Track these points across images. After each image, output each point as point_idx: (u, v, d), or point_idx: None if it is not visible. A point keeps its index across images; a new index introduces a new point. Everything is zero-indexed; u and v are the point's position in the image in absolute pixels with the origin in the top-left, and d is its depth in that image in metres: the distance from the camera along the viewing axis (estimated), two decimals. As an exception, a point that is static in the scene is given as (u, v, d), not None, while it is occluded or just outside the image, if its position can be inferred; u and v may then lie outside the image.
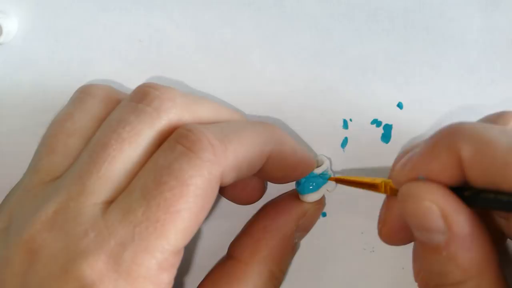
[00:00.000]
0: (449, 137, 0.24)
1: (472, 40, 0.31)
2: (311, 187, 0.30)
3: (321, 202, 0.32)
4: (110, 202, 0.24)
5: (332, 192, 0.32)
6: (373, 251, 0.32)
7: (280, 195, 0.32)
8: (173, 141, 0.25)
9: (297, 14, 0.32)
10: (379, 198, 0.32)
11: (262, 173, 0.28)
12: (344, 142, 0.32)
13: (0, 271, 0.24)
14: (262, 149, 0.26)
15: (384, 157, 0.32)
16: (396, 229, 0.27)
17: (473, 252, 0.23)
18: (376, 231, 0.32)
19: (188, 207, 0.23)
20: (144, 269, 0.23)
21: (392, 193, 0.27)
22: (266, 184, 0.32)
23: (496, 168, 0.22)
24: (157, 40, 0.33)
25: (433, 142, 0.24)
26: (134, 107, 0.26)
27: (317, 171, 0.30)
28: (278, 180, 0.29)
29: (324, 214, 0.33)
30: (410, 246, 0.32)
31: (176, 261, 0.24)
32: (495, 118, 0.26)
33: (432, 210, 0.23)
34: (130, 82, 0.33)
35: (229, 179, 0.25)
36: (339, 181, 0.30)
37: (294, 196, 0.31)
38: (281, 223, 0.30)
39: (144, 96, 0.26)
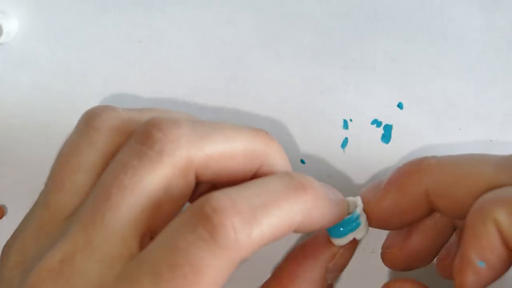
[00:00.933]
0: (418, 171, 0.24)
1: (472, 40, 0.31)
2: (341, 229, 0.28)
3: (354, 242, 0.31)
4: (119, 257, 0.24)
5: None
6: (373, 252, 0.32)
7: (309, 238, 0.30)
8: (195, 220, 0.23)
9: (297, 14, 0.32)
10: (379, 198, 0.32)
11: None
12: (344, 143, 0.32)
13: None
14: (290, 224, 0.25)
15: (384, 157, 0.32)
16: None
17: None
18: (376, 232, 0.32)
19: None
20: None
21: None
22: None
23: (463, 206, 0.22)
24: (157, 40, 0.33)
25: (401, 174, 0.24)
26: (137, 151, 0.25)
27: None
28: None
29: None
30: (410, 247, 0.32)
31: None
32: None
33: None
34: (130, 82, 0.33)
35: (249, 256, 0.24)
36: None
37: (323, 237, 0.29)
38: (308, 268, 0.29)
39: (147, 138, 0.25)
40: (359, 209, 0.28)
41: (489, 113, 0.31)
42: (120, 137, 0.27)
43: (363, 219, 0.28)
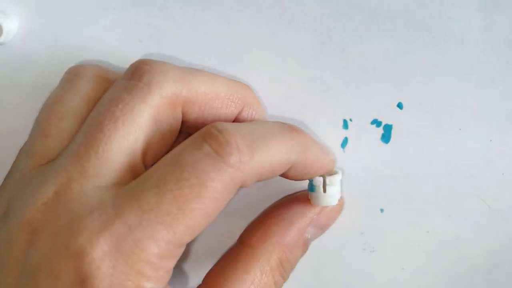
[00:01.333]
0: None
1: (472, 40, 0.31)
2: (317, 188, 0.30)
3: (341, 203, 0.31)
4: (115, 185, 0.24)
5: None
6: (373, 251, 0.32)
7: (299, 192, 0.32)
8: (201, 139, 0.24)
9: (297, 14, 0.32)
10: (379, 198, 0.32)
11: (281, 175, 0.28)
12: (344, 142, 0.32)
13: (1, 253, 0.24)
14: (288, 158, 0.26)
15: (384, 157, 0.32)
16: None
17: None
18: (376, 231, 0.32)
19: (202, 207, 0.23)
20: (146, 255, 0.23)
21: None
22: None
23: None
24: (158, 40, 0.33)
25: None
26: (126, 84, 0.26)
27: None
28: (294, 179, 0.29)
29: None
30: (411, 247, 0.32)
31: (178, 253, 0.24)
32: None
33: None
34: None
35: (248, 183, 0.25)
36: None
37: None
38: (294, 213, 0.30)
39: (135, 72, 0.26)
40: (340, 174, 0.30)
41: (489, 113, 0.31)
42: (103, 84, 0.28)
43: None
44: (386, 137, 0.32)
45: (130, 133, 0.25)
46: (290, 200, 0.31)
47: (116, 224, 0.23)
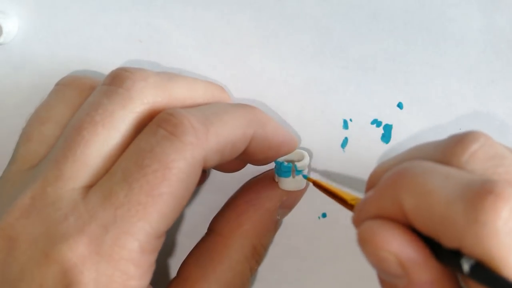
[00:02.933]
0: (393, 187, 0.22)
1: (472, 40, 0.31)
2: (286, 171, 0.30)
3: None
4: (89, 187, 0.24)
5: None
6: (373, 251, 0.32)
7: (264, 172, 0.32)
8: (155, 125, 0.24)
9: (297, 14, 0.32)
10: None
11: (245, 155, 0.27)
12: (344, 142, 0.32)
13: None
14: (245, 131, 0.26)
15: (384, 157, 0.32)
16: None
17: None
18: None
19: (171, 190, 0.23)
20: (126, 252, 0.23)
21: None
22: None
23: (434, 221, 0.20)
24: (157, 40, 0.33)
25: (379, 190, 0.23)
26: (106, 90, 0.26)
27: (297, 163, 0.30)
28: (260, 162, 0.29)
29: (324, 215, 0.33)
30: (410, 246, 0.32)
31: (158, 245, 0.24)
32: (453, 146, 0.23)
33: (389, 259, 0.21)
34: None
35: (212, 162, 0.25)
36: (316, 185, 0.29)
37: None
38: (264, 198, 0.30)
39: (116, 78, 0.26)
40: (306, 160, 0.30)
41: (489, 113, 0.31)
42: (88, 91, 0.28)
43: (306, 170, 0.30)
44: (386, 137, 0.32)
45: (109, 137, 0.25)
46: (257, 184, 0.31)
47: (92, 226, 0.23)
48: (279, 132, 0.28)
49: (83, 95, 0.28)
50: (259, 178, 0.32)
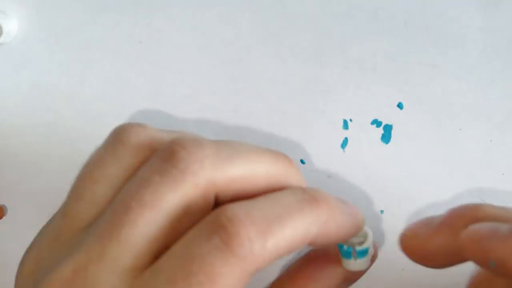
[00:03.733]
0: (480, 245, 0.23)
1: (472, 40, 0.31)
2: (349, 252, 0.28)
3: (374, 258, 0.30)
4: (132, 270, 0.24)
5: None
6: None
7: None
8: (210, 229, 0.23)
9: (297, 14, 0.32)
10: (379, 199, 0.32)
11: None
12: (344, 143, 0.32)
13: None
14: (305, 235, 0.25)
15: (384, 157, 0.32)
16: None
17: None
18: (376, 232, 0.32)
19: None
20: None
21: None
22: None
23: None
24: (157, 41, 0.33)
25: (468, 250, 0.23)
26: (159, 167, 0.25)
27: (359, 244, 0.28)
28: (316, 247, 0.28)
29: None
30: (410, 247, 0.32)
31: None
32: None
33: None
34: (130, 82, 0.33)
35: (263, 267, 0.24)
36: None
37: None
38: (327, 273, 0.29)
39: (171, 156, 0.25)
40: (370, 239, 0.28)
41: (489, 113, 0.31)
42: (146, 154, 0.27)
43: (370, 249, 0.28)
44: (386, 137, 0.32)
45: (156, 220, 0.24)
46: (320, 257, 0.30)
47: None
48: (343, 225, 0.27)
49: (140, 156, 0.27)
50: (322, 253, 0.30)
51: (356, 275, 0.30)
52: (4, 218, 0.34)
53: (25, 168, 0.29)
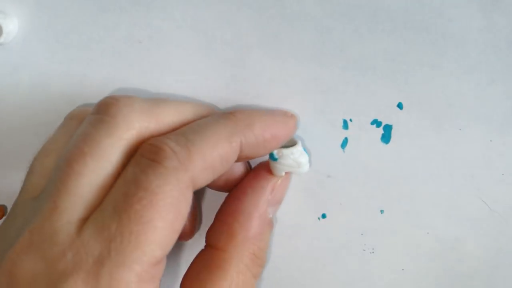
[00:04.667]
0: None
1: (472, 40, 0.31)
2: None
3: (287, 174, 0.31)
4: (84, 220, 0.24)
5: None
6: (373, 252, 0.32)
7: (246, 176, 0.32)
8: (139, 156, 0.25)
9: (297, 14, 0.32)
10: (379, 199, 0.32)
11: (241, 158, 0.27)
12: (344, 143, 0.32)
13: None
14: (230, 141, 0.26)
15: (384, 157, 0.32)
16: None
17: None
18: (376, 232, 0.32)
19: (160, 216, 0.23)
20: (124, 284, 0.23)
21: None
22: (249, 162, 0.32)
23: None
24: (157, 40, 0.33)
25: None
26: (93, 119, 0.26)
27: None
28: (258, 156, 0.29)
29: (324, 216, 0.32)
30: (411, 248, 0.32)
31: (158, 272, 0.24)
32: None
33: None
34: (130, 82, 0.33)
35: (203, 181, 0.25)
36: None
37: (259, 172, 0.31)
38: (251, 202, 0.30)
39: (102, 107, 0.26)
40: (299, 145, 0.30)
41: (489, 113, 0.31)
42: None
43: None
44: (386, 137, 0.32)
45: (99, 167, 0.25)
46: (242, 189, 0.31)
47: (89, 262, 0.23)
48: (270, 127, 0.28)
49: None
50: (242, 182, 0.31)
51: (278, 195, 0.31)
52: (4, 218, 0.34)
53: (25, 168, 0.29)
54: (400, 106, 0.32)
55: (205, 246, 0.30)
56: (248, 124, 0.27)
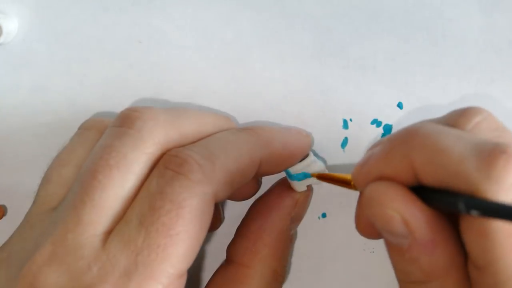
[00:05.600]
0: (404, 143, 0.23)
1: (472, 40, 0.31)
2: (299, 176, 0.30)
3: (309, 189, 0.32)
4: (109, 232, 0.24)
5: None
6: (373, 251, 0.32)
7: (268, 190, 0.32)
8: (162, 167, 0.25)
9: (297, 14, 0.32)
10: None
11: (258, 174, 0.28)
12: (344, 142, 0.32)
13: None
14: (252, 157, 0.26)
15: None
16: (369, 224, 0.27)
17: (435, 256, 0.23)
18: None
19: (186, 229, 0.23)
20: None
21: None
22: (261, 179, 0.32)
23: (445, 176, 0.22)
24: (157, 41, 0.33)
25: (389, 146, 0.24)
26: (117, 132, 0.26)
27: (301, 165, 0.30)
28: (273, 173, 0.30)
29: (324, 215, 0.32)
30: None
31: (182, 284, 0.24)
32: (457, 117, 0.25)
33: (394, 217, 0.23)
34: (130, 82, 0.33)
35: (223, 194, 0.25)
36: (320, 178, 0.30)
37: (282, 188, 0.31)
38: (275, 219, 0.30)
39: (126, 120, 0.26)
40: (311, 155, 0.30)
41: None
42: None
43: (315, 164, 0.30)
44: (386, 137, 0.32)
45: (125, 180, 0.25)
46: (265, 206, 0.31)
47: (115, 276, 0.23)
48: (287, 145, 0.28)
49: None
50: (265, 198, 0.31)
51: (300, 212, 0.31)
52: (4, 218, 0.34)
53: (25, 168, 0.29)
54: (400, 106, 0.32)
55: (227, 261, 0.30)
56: (268, 142, 0.28)
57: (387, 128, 0.32)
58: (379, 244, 0.32)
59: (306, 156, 0.30)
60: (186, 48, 0.33)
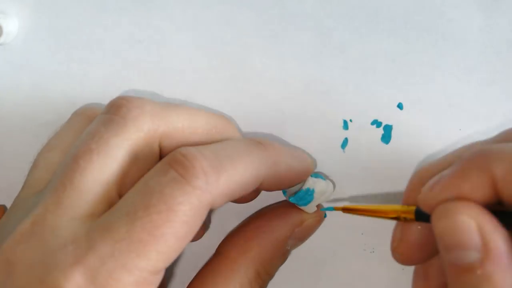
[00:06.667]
0: (481, 157, 0.22)
1: (472, 40, 0.31)
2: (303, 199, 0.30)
3: (321, 214, 0.32)
4: (90, 216, 0.24)
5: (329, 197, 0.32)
6: (373, 251, 0.32)
7: (279, 202, 0.32)
8: (167, 165, 0.24)
9: (297, 15, 0.32)
10: (379, 198, 0.32)
11: (257, 189, 0.28)
12: (344, 143, 0.32)
13: None
14: (257, 175, 0.26)
15: (384, 157, 0.32)
16: (412, 249, 0.26)
17: (511, 272, 0.21)
18: (376, 232, 0.32)
19: (173, 231, 0.23)
20: (121, 285, 0.23)
21: (408, 221, 0.26)
22: None
23: None
24: (157, 40, 0.33)
25: (464, 163, 0.23)
26: (103, 118, 0.26)
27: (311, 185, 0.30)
28: (271, 191, 0.30)
29: (325, 215, 0.32)
30: (410, 247, 0.32)
31: (156, 281, 0.24)
32: None
33: (469, 224, 0.22)
34: (130, 82, 0.33)
35: (219, 204, 0.25)
36: (346, 210, 0.28)
37: (293, 204, 0.31)
38: (275, 225, 0.30)
39: (113, 107, 0.27)
40: (310, 181, 0.30)
41: (489, 113, 0.31)
42: None
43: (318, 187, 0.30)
44: (386, 137, 0.32)
45: (105, 165, 0.25)
46: (271, 212, 0.31)
47: (89, 257, 0.23)
48: (292, 168, 0.28)
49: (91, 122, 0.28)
50: (273, 206, 0.32)
51: (304, 232, 0.31)
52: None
53: (25, 168, 0.29)
54: (400, 106, 0.32)
55: (215, 253, 0.30)
56: (275, 163, 0.27)
57: (387, 129, 0.32)
58: (379, 244, 0.32)
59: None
60: (186, 48, 0.33)
